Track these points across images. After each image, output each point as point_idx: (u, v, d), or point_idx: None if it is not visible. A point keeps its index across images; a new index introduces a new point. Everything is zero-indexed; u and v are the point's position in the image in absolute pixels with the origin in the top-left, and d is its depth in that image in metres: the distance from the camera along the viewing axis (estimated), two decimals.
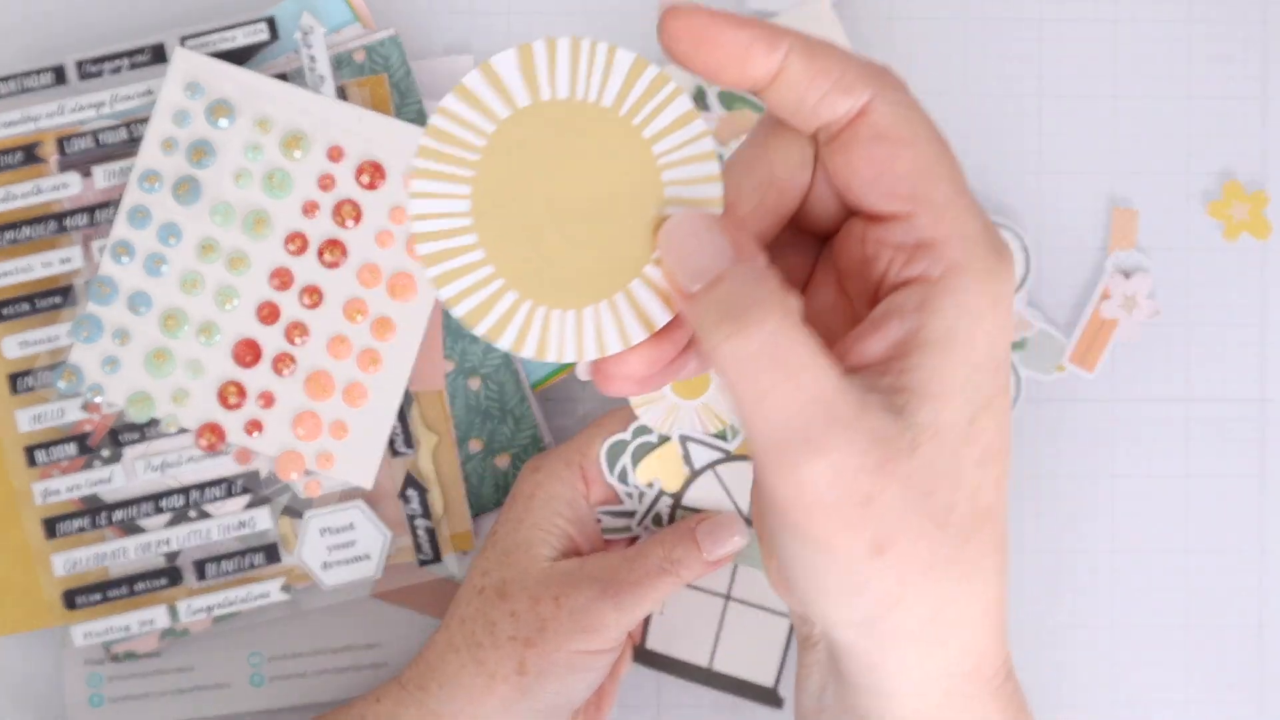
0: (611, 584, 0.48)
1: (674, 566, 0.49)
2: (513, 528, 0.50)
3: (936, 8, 0.57)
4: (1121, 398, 0.57)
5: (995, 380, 0.32)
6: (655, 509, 0.51)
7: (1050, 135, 0.57)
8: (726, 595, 0.53)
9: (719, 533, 0.49)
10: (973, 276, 0.31)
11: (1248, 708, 0.56)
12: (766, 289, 0.30)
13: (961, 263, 0.31)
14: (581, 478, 0.51)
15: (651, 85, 0.31)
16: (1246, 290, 0.57)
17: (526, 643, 0.48)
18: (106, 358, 0.54)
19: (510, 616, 0.48)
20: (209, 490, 0.55)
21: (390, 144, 0.55)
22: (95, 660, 0.55)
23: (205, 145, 0.54)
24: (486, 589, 0.49)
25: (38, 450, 0.55)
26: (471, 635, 0.49)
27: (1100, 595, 0.56)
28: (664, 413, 0.50)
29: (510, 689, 0.48)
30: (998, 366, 0.32)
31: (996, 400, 0.32)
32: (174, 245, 0.54)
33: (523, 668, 0.47)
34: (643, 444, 0.51)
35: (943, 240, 0.31)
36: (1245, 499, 0.57)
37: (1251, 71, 0.57)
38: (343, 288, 0.55)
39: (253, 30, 0.56)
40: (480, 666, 0.48)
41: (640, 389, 0.33)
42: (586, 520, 0.51)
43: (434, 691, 0.49)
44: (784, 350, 0.29)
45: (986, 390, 0.31)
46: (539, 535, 0.50)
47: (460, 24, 0.57)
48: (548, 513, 0.50)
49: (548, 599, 0.48)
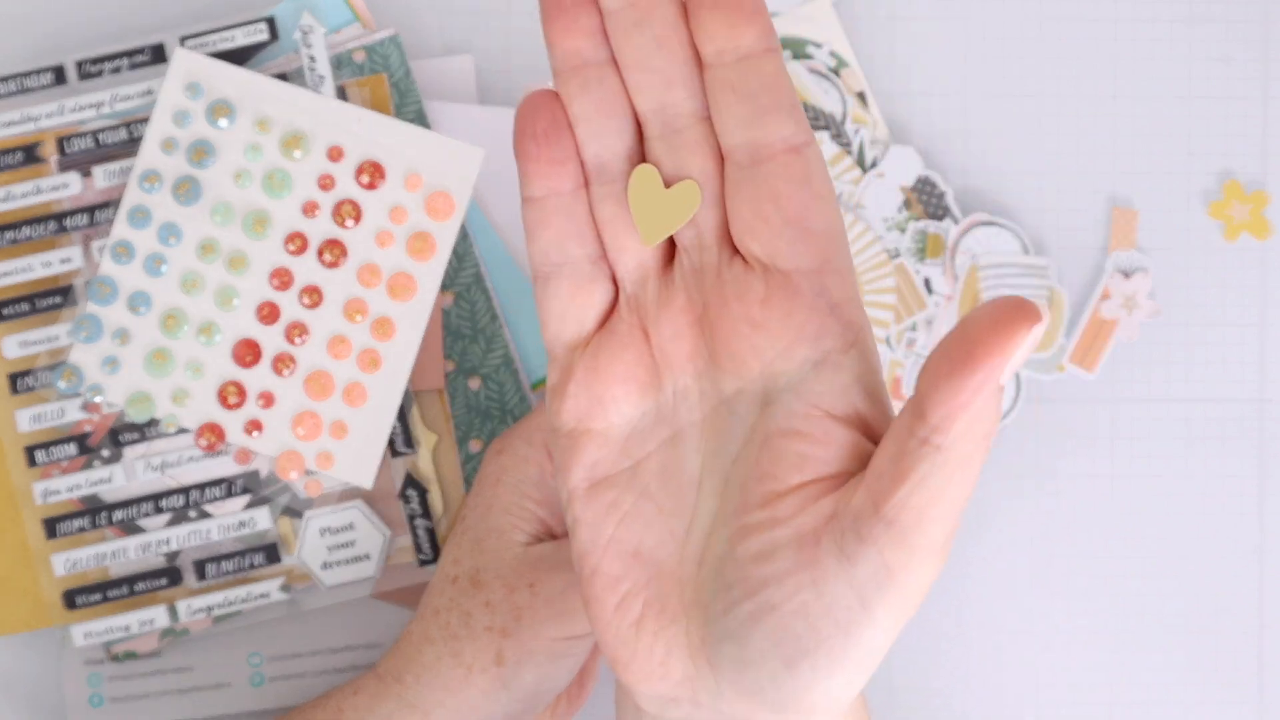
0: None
1: None
2: (482, 514, 0.49)
3: (937, 7, 0.57)
4: (1122, 398, 0.57)
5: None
6: None
7: (1050, 135, 0.57)
8: None
9: None
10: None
11: (1248, 708, 0.56)
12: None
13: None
14: (547, 455, 0.49)
15: None
16: (1246, 290, 0.57)
17: (503, 632, 0.46)
18: (106, 358, 0.54)
19: (485, 606, 0.47)
20: (209, 490, 0.55)
21: (390, 144, 0.55)
22: (95, 660, 0.55)
23: (205, 145, 0.54)
24: (460, 578, 0.48)
25: (38, 450, 0.55)
26: (447, 626, 0.48)
27: (1100, 595, 0.56)
28: None
29: (489, 680, 0.47)
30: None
31: None
32: (174, 245, 0.55)
33: (500, 658, 0.46)
34: None
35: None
36: (1245, 499, 0.57)
37: (1251, 71, 0.57)
38: (343, 288, 0.55)
39: (252, 30, 0.56)
40: (457, 658, 0.47)
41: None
42: (556, 501, 0.49)
43: (410, 683, 0.48)
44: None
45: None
46: (509, 520, 0.48)
47: (460, 24, 0.57)
48: (516, 496, 0.49)
49: (523, 586, 0.47)
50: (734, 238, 0.33)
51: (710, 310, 0.33)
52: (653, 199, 0.34)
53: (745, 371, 0.33)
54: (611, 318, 0.35)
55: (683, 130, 0.33)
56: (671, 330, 0.34)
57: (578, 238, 0.34)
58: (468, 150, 0.54)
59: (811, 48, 0.56)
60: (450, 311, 0.56)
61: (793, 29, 0.56)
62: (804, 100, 0.56)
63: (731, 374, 0.33)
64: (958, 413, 0.30)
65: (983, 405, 0.30)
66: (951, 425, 0.30)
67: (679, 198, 0.34)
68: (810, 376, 0.33)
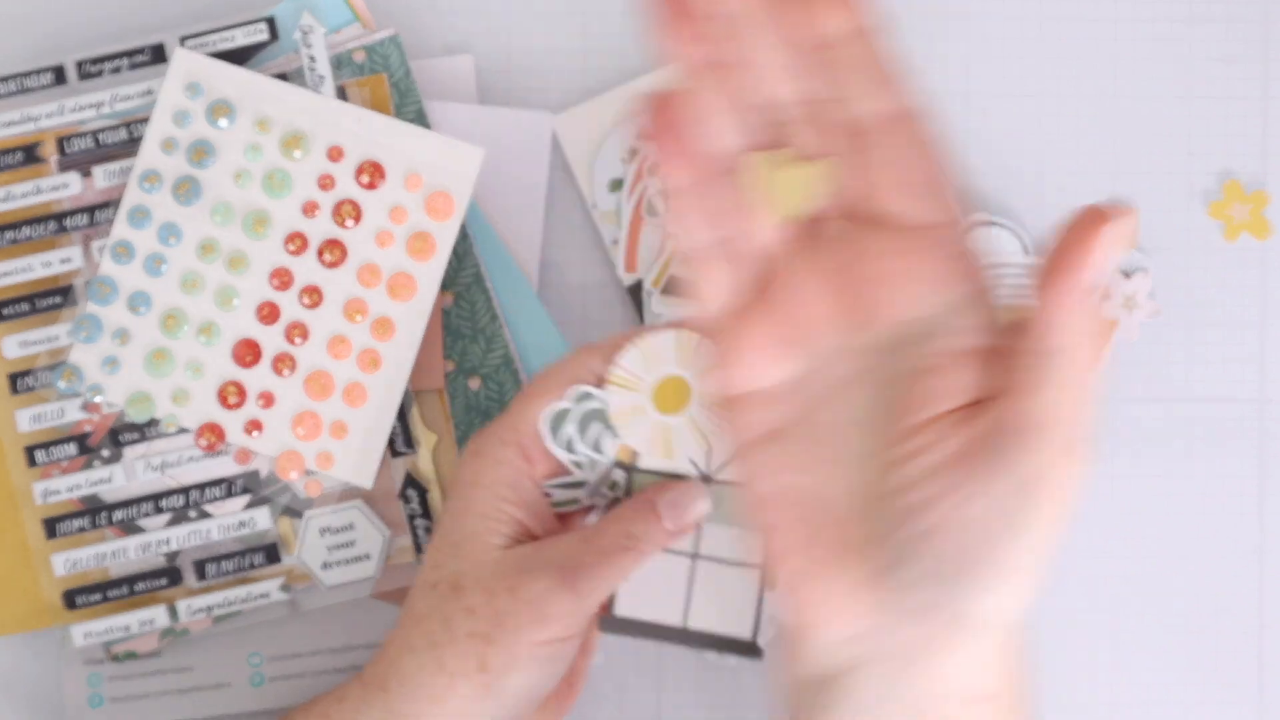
0: (569, 569, 0.45)
1: (634, 542, 0.46)
2: (459, 519, 0.48)
3: (937, 7, 0.57)
4: (1122, 398, 0.57)
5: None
6: (609, 477, 0.48)
7: (1050, 135, 0.57)
8: (694, 554, 0.50)
9: (682, 502, 0.47)
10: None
11: (1248, 708, 0.56)
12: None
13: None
14: (523, 456, 0.48)
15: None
16: (1246, 290, 0.57)
17: (486, 639, 0.45)
18: (106, 358, 0.54)
19: (466, 612, 0.46)
20: (209, 490, 0.55)
21: (390, 144, 0.55)
22: (95, 660, 0.55)
23: (205, 145, 0.54)
24: (440, 584, 0.47)
25: (38, 450, 0.55)
26: (428, 634, 0.46)
27: (1099, 595, 0.56)
28: (651, 430, 0.48)
29: (473, 687, 0.46)
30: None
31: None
32: (174, 245, 0.55)
33: (484, 665, 0.45)
34: (589, 411, 0.48)
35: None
36: (1245, 499, 0.57)
37: (1251, 71, 0.57)
38: (343, 288, 0.55)
39: (252, 30, 0.56)
40: (440, 666, 0.46)
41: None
42: (534, 501, 0.48)
43: (394, 690, 0.47)
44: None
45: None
46: (486, 524, 0.47)
47: (460, 24, 0.57)
48: (492, 498, 0.47)
49: (503, 591, 0.46)
50: (870, 202, 0.38)
51: (850, 271, 0.38)
52: (789, 178, 0.39)
53: (884, 323, 0.38)
54: (757, 289, 0.39)
55: (808, 111, 0.38)
56: (815, 294, 0.39)
57: (720, 221, 0.39)
58: (468, 150, 0.55)
59: None
60: (450, 311, 0.56)
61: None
62: None
63: (871, 327, 0.38)
64: (1058, 317, 0.36)
65: (1077, 306, 0.36)
66: (1053, 331, 0.36)
67: (816, 174, 0.39)
68: (942, 320, 0.38)
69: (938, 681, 0.38)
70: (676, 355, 0.47)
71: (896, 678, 0.38)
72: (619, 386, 0.48)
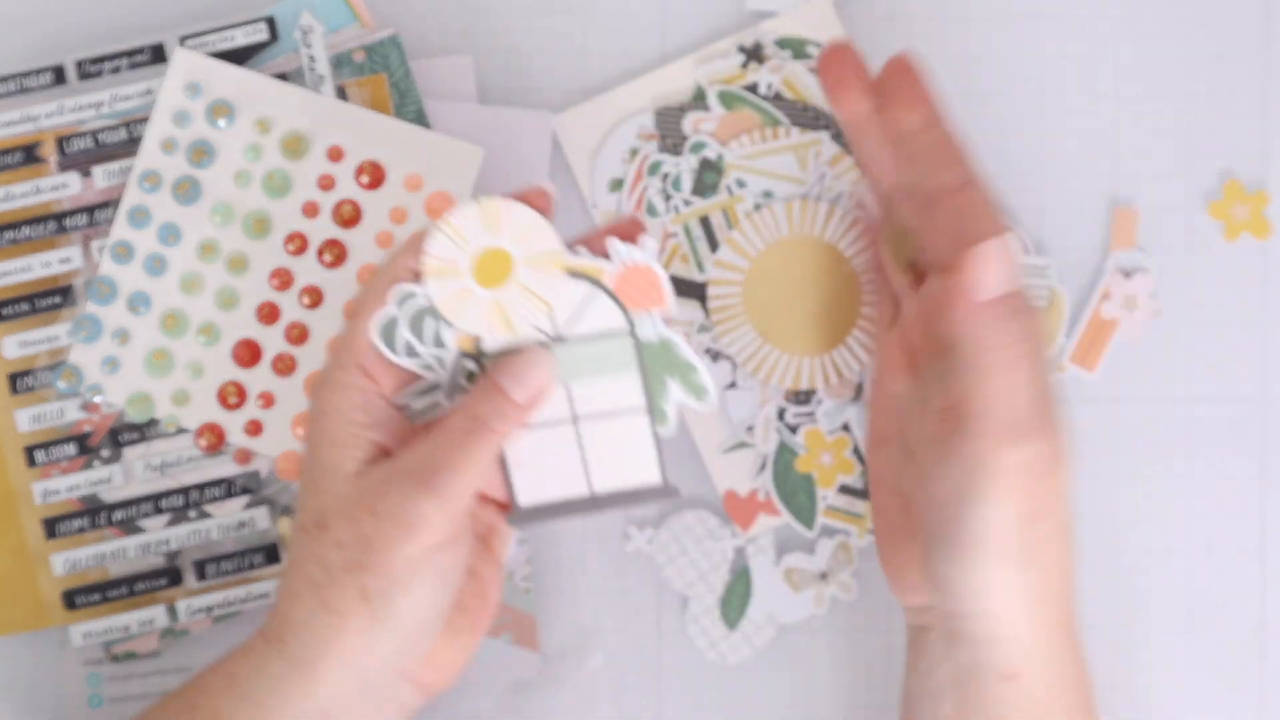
0: (424, 471, 0.44)
1: (482, 424, 0.44)
2: (315, 454, 0.46)
3: (937, 7, 0.57)
4: (1122, 398, 0.57)
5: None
6: (463, 369, 0.46)
7: (1050, 135, 0.57)
8: (574, 418, 0.47)
9: (521, 370, 0.45)
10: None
11: (1248, 708, 0.56)
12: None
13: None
14: (365, 374, 0.46)
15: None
16: (1247, 290, 0.57)
17: (360, 567, 0.44)
18: (106, 358, 0.54)
19: (336, 547, 0.44)
20: (209, 490, 0.55)
21: (390, 144, 0.55)
22: (94, 660, 0.55)
23: (205, 145, 0.54)
24: (308, 525, 0.45)
25: (38, 450, 0.55)
26: (309, 577, 0.45)
27: (1100, 595, 0.56)
28: (484, 309, 0.45)
29: (361, 620, 0.44)
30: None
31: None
32: (174, 245, 0.55)
33: (365, 594, 0.44)
34: (418, 310, 0.46)
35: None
36: (1246, 499, 0.57)
37: (1251, 71, 0.57)
38: (343, 288, 0.55)
39: (252, 30, 0.56)
40: (325, 607, 0.44)
41: None
42: (389, 419, 0.46)
43: (290, 640, 0.45)
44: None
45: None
46: (338, 453, 0.45)
47: (460, 24, 0.57)
48: (341, 424, 0.46)
49: (364, 515, 0.44)
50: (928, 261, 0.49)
51: (915, 324, 0.50)
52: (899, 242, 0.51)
53: (932, 360, 0.48)
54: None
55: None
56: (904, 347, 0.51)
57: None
58: (468, 150, 0.55)
59: (812, 48, 0.56)
60: None
61: (793, 29, 0.56)
62: (804, 100, 0.56)
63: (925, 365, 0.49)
64: (963, 329, 0.45)
65: (979, 314, 0.45)
66: (966, 338, 0.45)
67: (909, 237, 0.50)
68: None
69: (979, 651, 0.46)
70: (485, 225, 0.45)
71: (948, 642, 0.47)
72: (436, 275, 0.45)
